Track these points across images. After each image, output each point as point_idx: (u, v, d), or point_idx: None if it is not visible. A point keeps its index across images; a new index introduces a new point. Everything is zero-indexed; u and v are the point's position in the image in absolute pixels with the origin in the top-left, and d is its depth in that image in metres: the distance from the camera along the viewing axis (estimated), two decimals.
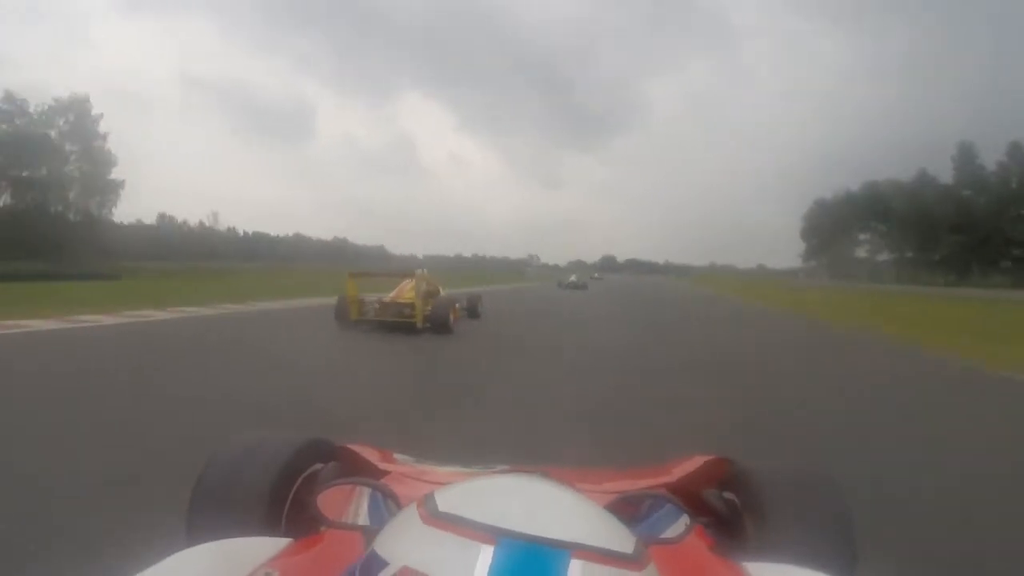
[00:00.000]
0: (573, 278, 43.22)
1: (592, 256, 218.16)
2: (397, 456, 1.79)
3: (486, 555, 0.57)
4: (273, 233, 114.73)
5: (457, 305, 12.00)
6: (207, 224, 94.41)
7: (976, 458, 4.18)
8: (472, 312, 13.26)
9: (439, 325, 10.45)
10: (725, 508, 1.41)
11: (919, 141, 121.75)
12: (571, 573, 0.57)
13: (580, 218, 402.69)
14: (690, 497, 1.40)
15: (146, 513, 2.47)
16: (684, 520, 1.04)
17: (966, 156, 59.20)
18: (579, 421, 4.90)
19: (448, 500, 0.67)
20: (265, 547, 0.93)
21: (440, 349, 9.20)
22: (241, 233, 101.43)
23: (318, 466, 1.44)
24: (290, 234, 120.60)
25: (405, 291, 11.38)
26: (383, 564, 0.61)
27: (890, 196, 63.71)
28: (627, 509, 1.18)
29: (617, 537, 0.65)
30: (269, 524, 1.23)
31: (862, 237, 72.50)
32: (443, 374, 7.37)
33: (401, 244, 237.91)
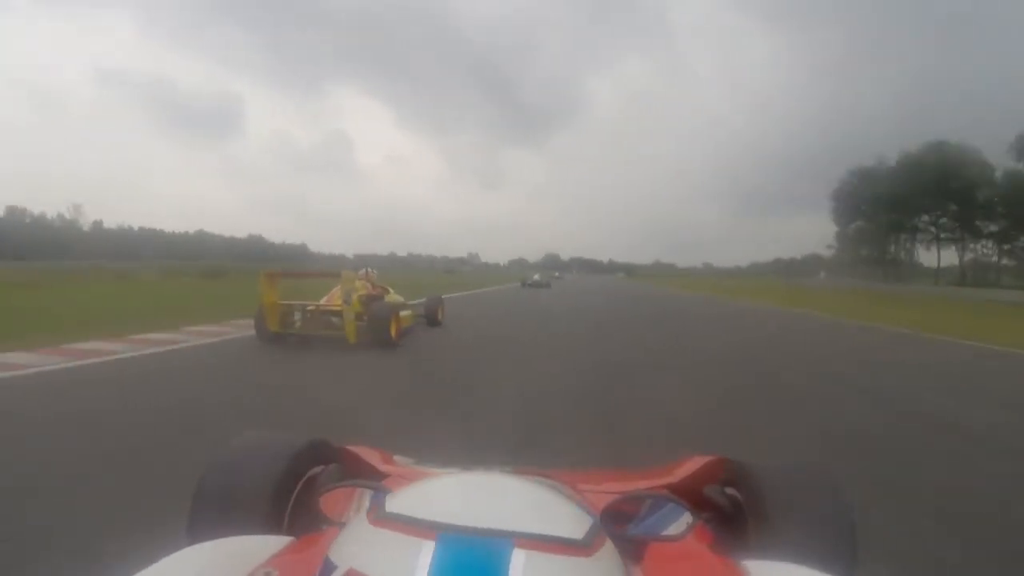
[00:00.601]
0: (536, 277, 44.51)
1: (535, 254, 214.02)
2: (397, 458, 1.79)
3: (427, 551, 0.57)
4: (169, 230, 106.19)
5: (404, 313, 10.03)
6: (67, 217, 76.98)
7: None
8: (432, 319, 11.56)
9: (378, 338, 8.38)
10: (728, 504, 1.39)
11: (860, 138, 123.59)
12: (514, 562, 0.56)
13: (521, 216, 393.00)
14: (692, 496, 1.39)
15: None
16: (686, 519, 1.04)
17: None
18: None
19: (396, 501, 0.68)
20: (265, 546, 0.94)
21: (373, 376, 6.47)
22: (126, 229, 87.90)
23: (319, 468, 1.43)
24: (191, 231, 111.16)
25: (336, 296, 9.31)
26: (332, 568, 0.62)
27: (970, 163, 47.69)
28: (628, 509, 1.18)
29: (567, 524, 0.64)
30: (271, 526, 1.22)
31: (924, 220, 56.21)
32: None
33: (327, 243, 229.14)
